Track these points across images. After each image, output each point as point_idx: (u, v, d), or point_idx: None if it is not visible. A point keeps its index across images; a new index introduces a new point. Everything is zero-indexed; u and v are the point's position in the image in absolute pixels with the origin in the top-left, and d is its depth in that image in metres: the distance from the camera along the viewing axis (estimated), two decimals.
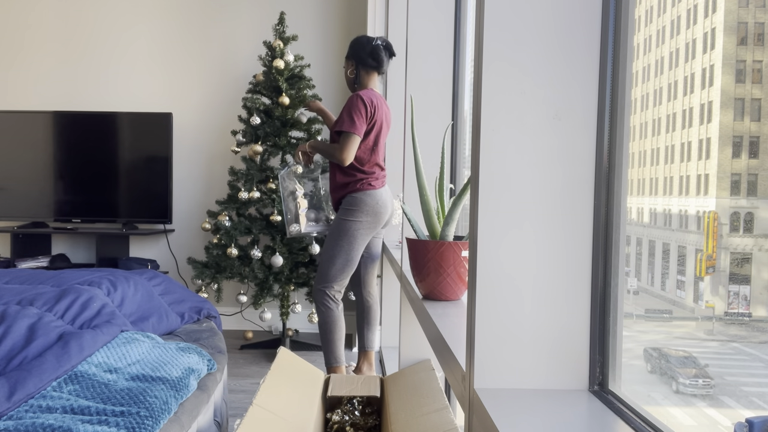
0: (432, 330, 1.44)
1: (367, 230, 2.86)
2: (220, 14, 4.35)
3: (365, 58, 2.89)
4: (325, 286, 2.87)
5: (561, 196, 0.95)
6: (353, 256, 2.86)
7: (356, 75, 2.93)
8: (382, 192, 2.87)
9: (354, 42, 2.94)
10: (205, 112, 4.37)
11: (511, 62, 0.95)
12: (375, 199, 2.84)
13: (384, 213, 2.88)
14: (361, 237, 2.85)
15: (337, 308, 2.91)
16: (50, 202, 4.18)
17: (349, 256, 2.85)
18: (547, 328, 0.95)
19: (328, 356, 2.92)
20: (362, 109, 2.75)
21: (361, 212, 2.83)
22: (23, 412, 1.43)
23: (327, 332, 2.91)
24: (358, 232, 2.83)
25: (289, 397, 1.68)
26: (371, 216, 2.84)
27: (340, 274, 2.87)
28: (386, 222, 2.96)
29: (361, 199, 2.83)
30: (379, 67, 2.91)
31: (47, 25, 4.37)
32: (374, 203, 2.84)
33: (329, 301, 2.88)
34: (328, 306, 2.89)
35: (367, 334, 3.14)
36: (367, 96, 2.79)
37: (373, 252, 3.09)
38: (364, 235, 2.86)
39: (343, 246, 2.84)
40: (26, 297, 2.02)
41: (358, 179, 2.84)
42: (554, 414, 0.86)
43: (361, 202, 2.82)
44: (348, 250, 2.84)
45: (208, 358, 1.99)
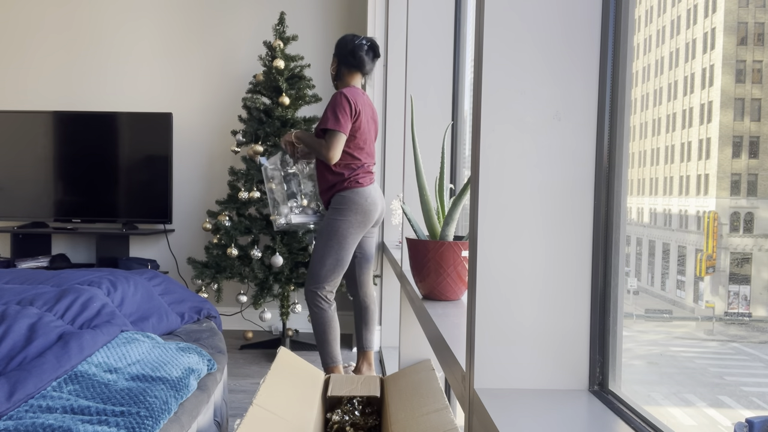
0: (432, 330, 1.44)
1: (357, 229, 2.84)
2: (220, 14, 4.35)
3: (346, 56, 2.89)
4: (317, 286, 2.86)
5: (561, 196, 0.95)
6: (343, 255, 2.84)
7: (337, 72, 2.93)
8: (370, 189, 2.85)
9: (339, 40, 2.95)
10: (205, 112, 4.37)
11: (511, 62, 0.95)
12: (363, 197, 2.82)
13: (374, 211, 2.86)
14: (351, 236, 2.83)
15: (330, 308, 2.89)
16: (50, 202, 4.18)
17: (339, 256, 2.83)
18: (547, 328, 0.95)
19: (325, 357, 2.92)
20: (346, 107, 2.75)
21: (350, 210, 2.81)
22: (23, 412, 1.43)
23: (321, 333, 2.90)
24: (347, 231, 2.82)
25: (289, 397, 1.68)
26: (360, 214, 2.82)
27: (331, 275, 2.85)
28: (377, 220, 2.93)
29: (349, 198, 2.81)
30: (361, 67, 2.90)
31: (47, 25, 4.37)
32: (363, 201, 2.82)
33: (321, 301, 2.87)
34: (320, 306, 2.88)
35: (366, 335, 3.14)
36: (350, 93, 2.78)
37: (366, 252, 3.07)
38: (354, 234, 2.84)
39: (333, 246, 2.82)
40: (26, 297, 2.02)
41: (345, 178, 2.82)
42: (554, 414, 0.86)
43: (349, 200, 2.81)
44: (338, 249, 2.83)
45: (208, 358, 1.99)
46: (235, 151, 3.86)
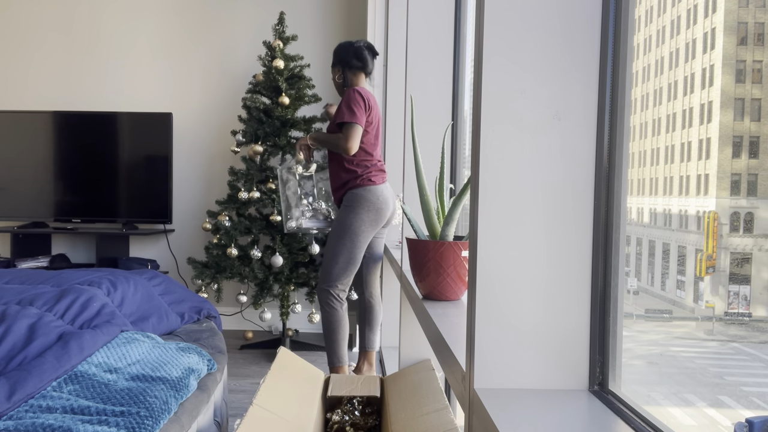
0: (432, 330, 1.44)
1: (370, 227, 2.84)
2: (219, 14, 4.35)
3: (350, 59, 2.92)
4: (329, 285, 2.86)
5: (561, 195, 0.95)
6: (356, 254, 2.84)
7: (344, 78, 2.94)
8: (382, 188, 2.86)
9: (337, 48, 2.98)
10: (205, 112, 4.37)
11: (511, 62, 0.95)
12: (376, 195, 2.83)
13: (386, 209, 2.86)
14: (363, 234, 2.83)
15: (342, 308, 2.89)
16: (50, 202, 4.18)
17: (352, 254, 2.84)
18: (547, 328, 0.95)
19: (332, 356, 2.91)
20: (360, 101, 2.77)
21: (362, 208, 2.81)
22: (23, 412, 1.43)
23: (331, 332, 2.89)
24: (359, 229, 2.82)
25: (289, 397, 1.68)
26: (373, 212, 2.82)
27: (343, 273, 2.85)
28: (388, 220, 2.94)
29: (362, 195, 2.81)
30: (365, 67, 2.93)
31: (47, 25, 4.37)
32: (375, 199, 2.82)
33: (333, 300, 2.87)
34: (333, 306, 2.88)
35: (368, 335, 3.14)
36: (362, 90, 2.81)
37: (375, 252, 3.08)
38: (366, 232, 2.84)
39: (346, 243, 2.82)
40: (26, 297, 2.02)
41: (357, 175, 2.83)
42: (554, 414, 0.86)
43: (362, 197, 2.81)
44: (350, 247, 2.83)
45: (208, 358, 1.99)
46: (235, 151, 3.86)
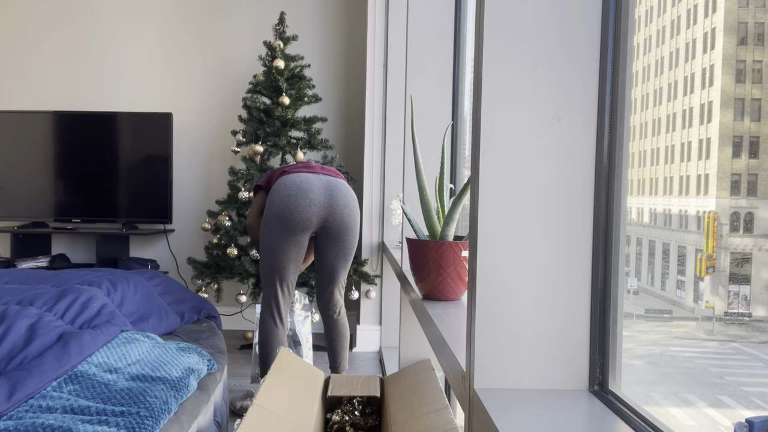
0: (432, 330, 1.44)
1: (273, 230, 2.49)
2: (220, 14, 4.35)
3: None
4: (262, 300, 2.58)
5: (561, 196, 0.95)
6: (273, 263, 2.49)
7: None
8: (282, 181, 2.51)
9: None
10: (205, 112, 4.37)
11: (511, 62, 0.95)
12: (271, 193, 2.51)
13: (286, 202, 2.45)
14: (267, 239, 2.49)
15: (276, 324, 2.52)
16: (50, 202, 4.18)
17: (270, 264, 2.50)
18: (547, 328, 0.95)
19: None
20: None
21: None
22: (23, 412, 1.43)
23: (261, 346, 2.55)
24: (264, 234, 2.52)
25: (289, 397, 1.68)
26: (269, 213, 2.48)
27: (265, 286, 2.53)
28: (307, 222, 2.46)
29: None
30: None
31: (47, 25, 4.37)
32: (271, 198, 2.50)
33: (265, 315, 2.54)
34: (264, 321, 2.54)
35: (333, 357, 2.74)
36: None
37: (323, 263, 2.61)
38: (272, 237, 2.48)
39: (261, 253, 2.54)
40: (26, 297, 2.02)
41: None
42: (554, 414, 0.86)
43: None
44: (264, 256, 2.51)
45: (208, 358, 1.99)
46: (235, 151, 3.86)
